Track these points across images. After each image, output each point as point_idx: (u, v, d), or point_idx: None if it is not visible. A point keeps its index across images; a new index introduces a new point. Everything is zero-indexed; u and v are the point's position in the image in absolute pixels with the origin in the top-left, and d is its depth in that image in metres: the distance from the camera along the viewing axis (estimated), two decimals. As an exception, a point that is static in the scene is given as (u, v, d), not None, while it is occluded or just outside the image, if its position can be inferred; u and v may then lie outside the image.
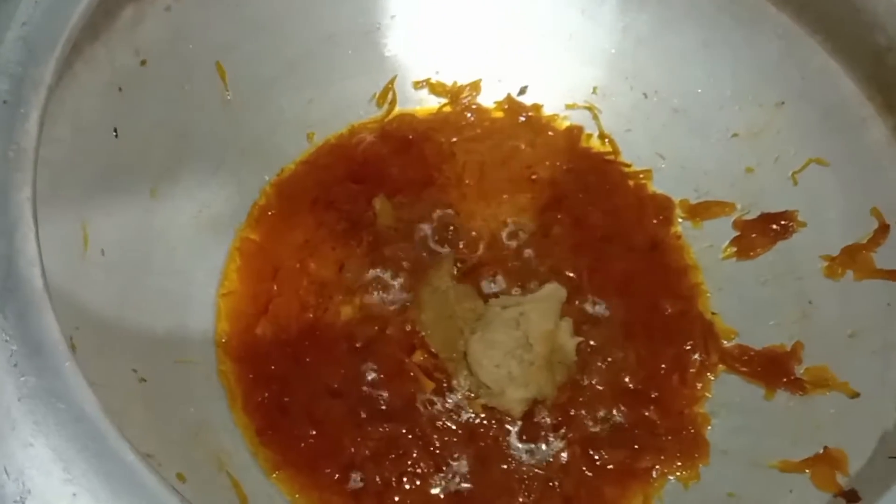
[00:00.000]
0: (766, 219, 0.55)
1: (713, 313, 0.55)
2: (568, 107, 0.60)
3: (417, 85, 0.59)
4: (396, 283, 0.53)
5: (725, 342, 0.53)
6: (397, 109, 0.59)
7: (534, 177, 0.57)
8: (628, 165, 0.59)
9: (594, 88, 0.59)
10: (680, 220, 0.58)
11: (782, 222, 0.54)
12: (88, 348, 0.41)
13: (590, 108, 0.60)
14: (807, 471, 0.47)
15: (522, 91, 0.60)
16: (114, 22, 0.47)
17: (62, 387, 0.32)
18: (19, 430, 0.31)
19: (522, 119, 0.60)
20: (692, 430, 0.51)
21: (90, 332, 0.43)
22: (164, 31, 0.49)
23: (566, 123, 0.60)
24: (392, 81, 0.58)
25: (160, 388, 0.46)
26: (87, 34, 0.45)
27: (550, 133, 0.59)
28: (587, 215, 0.56)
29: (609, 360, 0.52)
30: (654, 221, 0.57)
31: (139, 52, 0.48)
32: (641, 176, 0.58)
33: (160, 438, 0.44)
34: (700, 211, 0.57)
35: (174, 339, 0.49)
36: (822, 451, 0.47)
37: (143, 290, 0.48)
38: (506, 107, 0.60)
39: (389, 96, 0.59)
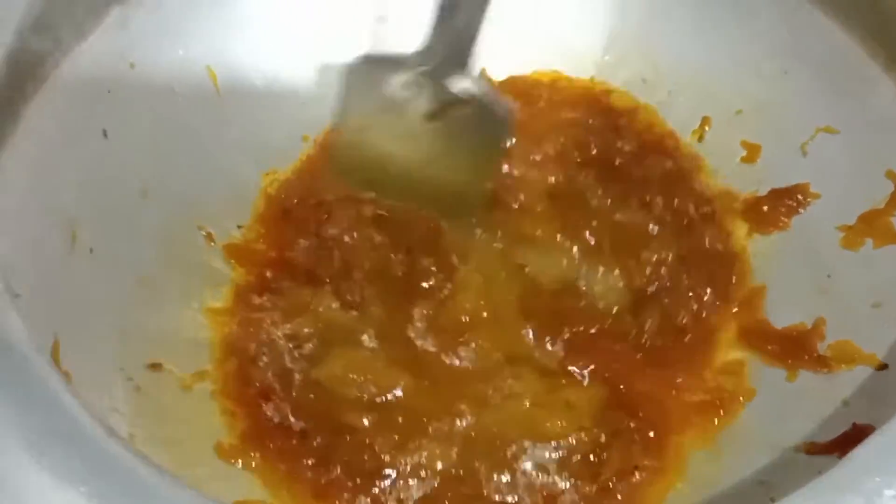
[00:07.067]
0: (778, 194, 0.52)
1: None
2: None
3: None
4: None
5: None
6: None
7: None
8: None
9: (591, 78, 0.58)
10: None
11: (796, 196, 0.52)
12: (74, 350, 0.40)
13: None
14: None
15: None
16: (100, 23, 0.47)
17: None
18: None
19: None
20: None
21: (74, 332, 0.41)
22: (153, 34, 0.50)
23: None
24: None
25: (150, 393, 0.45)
26: (74, 34, 0.46)
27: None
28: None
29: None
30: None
31: (125, 56, 0.49)
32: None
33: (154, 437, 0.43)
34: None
35: (165, 342, 0.48)
36: (850, 428, 0.44)
37: (132, 289, 0.47)
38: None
39: (386, 92, 0.58)
